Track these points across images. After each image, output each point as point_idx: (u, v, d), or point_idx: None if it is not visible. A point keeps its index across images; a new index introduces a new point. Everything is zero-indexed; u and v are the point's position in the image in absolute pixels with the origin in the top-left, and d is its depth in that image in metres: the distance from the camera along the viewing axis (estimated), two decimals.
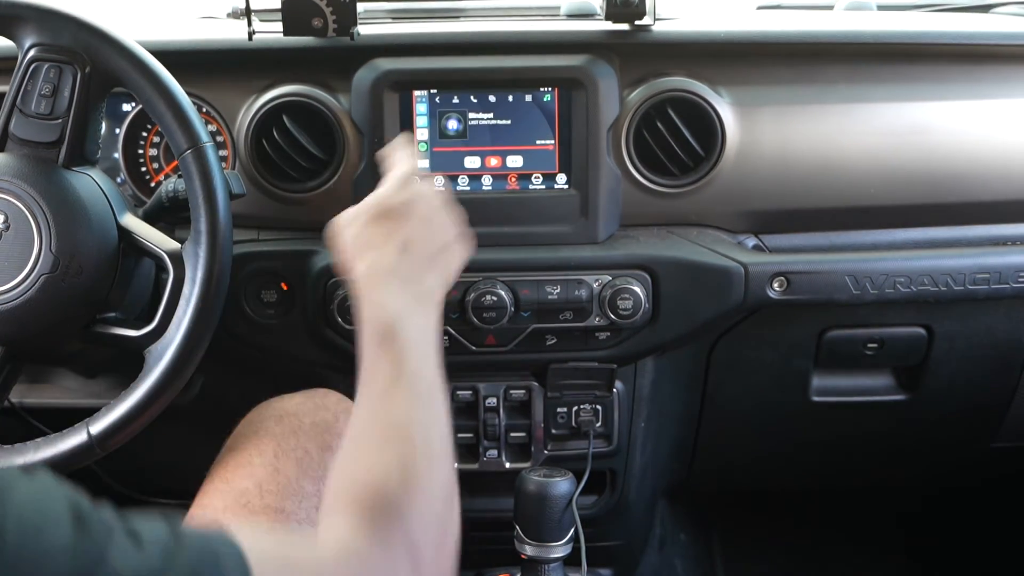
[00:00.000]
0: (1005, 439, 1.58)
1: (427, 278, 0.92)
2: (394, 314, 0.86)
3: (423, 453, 0.78)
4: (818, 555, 1.97)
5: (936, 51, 1.36)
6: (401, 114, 1.30)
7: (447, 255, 0.98)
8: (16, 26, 1.12)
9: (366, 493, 0.74)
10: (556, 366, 1.36)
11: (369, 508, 0.73)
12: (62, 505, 0.55)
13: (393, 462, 0.76)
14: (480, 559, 1.45)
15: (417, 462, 0.77)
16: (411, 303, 0.88)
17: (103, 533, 0.55)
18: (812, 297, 1.31)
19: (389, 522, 0.72)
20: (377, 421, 0.81)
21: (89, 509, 0.56)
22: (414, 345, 0.85)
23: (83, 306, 1.12)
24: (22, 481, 0.55)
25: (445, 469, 0.80)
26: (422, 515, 0.74)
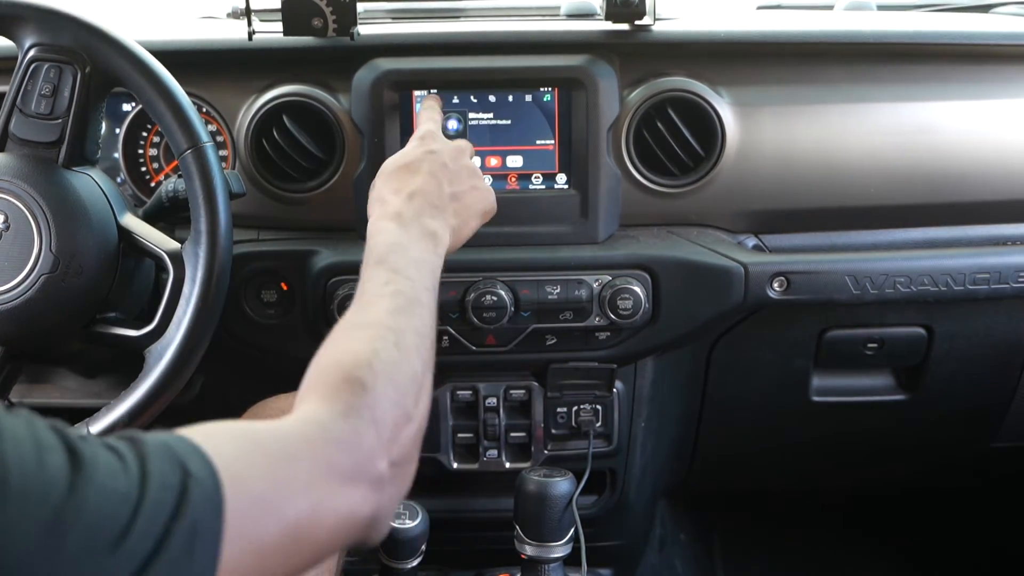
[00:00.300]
0: (1005, 439, 1.58)
1: (430, 221, 1.00)
2: (387, 244, 0.95)
3: (395, 344, 0.83)
4: (818, 555, 1.97)
5: (936, 51, 1.36)
6: (401, 114, 1.30)
7: (458, 204, 1.06)
8: (16, 26, 1.12)
9: (334, 373, 0.78)
10: (556, 366, 1.36)
11: (335, 385, 0.77)
12: (51, 435, 0.57)
13: (364, 349, 0.81)
14: (480, 559, 1.46)
15: (388, 353, 0.81)
16: (407, 238, 0.97)
17: (92, 455, 0.57)
18: (812, 297, 1.31)
19: (354, 396, 0.76)
20: (355, 322, 0.86)
21: (74, 435, 0.59)
22: (402, 268, 0.92)
23: (83, 306, 1.12)
24: (7, 418, 0.57)
25: (415, 364, 0.84)
26: (387, 396, 0.78)
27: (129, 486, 0.57)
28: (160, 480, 0.59)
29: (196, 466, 0.61)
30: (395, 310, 0.87)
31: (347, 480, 0.72)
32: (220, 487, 0.61)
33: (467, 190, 1.08)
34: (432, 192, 1.03)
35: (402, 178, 1.04)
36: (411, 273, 0.92)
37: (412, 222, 0.99)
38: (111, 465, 0.58)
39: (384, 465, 0.75)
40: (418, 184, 1.03)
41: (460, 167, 1.09)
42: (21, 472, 0.54)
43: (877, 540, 1.98)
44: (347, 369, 0.78)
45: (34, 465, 0.54)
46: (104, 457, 0.58)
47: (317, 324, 1.30)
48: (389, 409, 0.77)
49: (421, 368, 0.84)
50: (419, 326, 0.87)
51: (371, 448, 0.74)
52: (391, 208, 1.00)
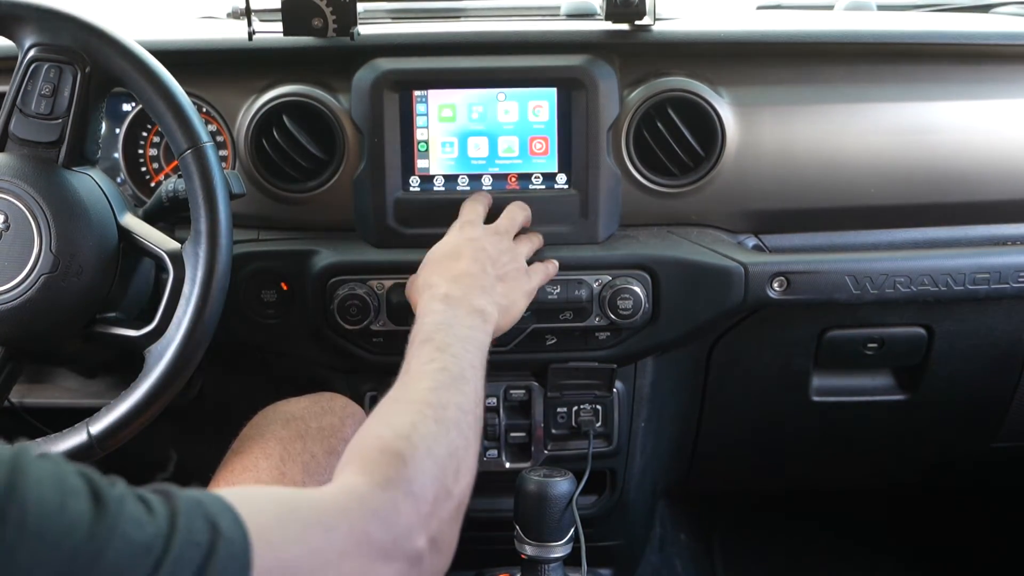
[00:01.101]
0: (1005, 439, 1.58)
1: (477, 300, 1.03)
2: (434, 324, 0.98)
3: (435, 419, 0.83)
4: (818, 555, 1.97)
5: (936, 51, 1.36)
6: (401, 114, 1.30)
7: (504, 285, 1.10)
8: (16, 26, 1.12)
9: (375, 446, 0.78)
10: (556, 366, 1.36)
11: (375, 458, 0.77)
12: (77, 479, 0.57)
13: (404, 425, 0.81)
14: (480, 559, 1.45)
15: (427, 426, 0.81)
16: (454, 316, 0.99)
17: (117, 503, 0.57)
18: (812, 297, 1.31)
19: (392, 469, 0.76)
20: (397, 397, 0.87)
21: (103, 482, 0.58)
22: (448, 346, 0.93)
23: (83, 306, 1.12)
24: (35, 460, 0.56)
25: (456, 439, 0.83)
26: (426, 470, 0.77)
27: (154, 538, 0.57)
28: (188, 536, 0.58)
29: (227, 525, 0.60)
30: (437, 386, 0.87)
31: (384, 555, 0.71)
32: (249, 550, 0.61)
33: (511, 272, 1.13)
34: (478, 274, 1.07)
35: (448, 264, 1.09)
36: (456, 350, 0.93)
37: (460, 301, 1.02)
38: (136, 516, 0.57)
39: (422, 542, 0.74)
40: (463, 267, 1.07)
41: (501, 251, 1.13)
42: (40, 514, 0.53)
43: (877, 540, 1.98)
44: (386, 442, 0.78)
45: (55, 509, 0.54)
46: (131, 507, 0.57)
47: (317, 324, 1.30)
48: (428, 484, 0.77)
49: (463, 444, 0.84)
50: (462, 402, 0.87)
51: (408, 523, 0.74)
52: (439, 291, 1.04)
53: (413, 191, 1.31)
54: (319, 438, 1.15)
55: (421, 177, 1.31)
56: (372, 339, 1.31)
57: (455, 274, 1.06)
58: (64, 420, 1.13)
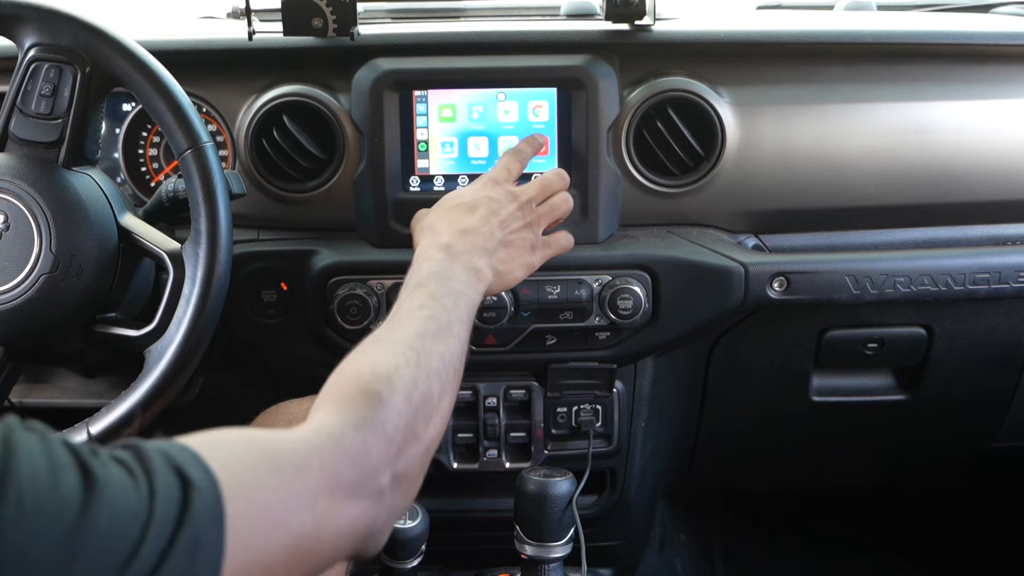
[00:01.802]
0: (1005, 439, 1.58)
1: (477, 259, 1.01)
2: (431, 272, 0.96)
3: (417, 363, 0.83)
4: (817, 555, 1.97)
5: (936, 51, 1.36)
6: (401, 114, 1.30)
7: (506, 251, 1.07)
8: (16, 26, 1.12)
9: (353, 383, 0.79)
10: (556, 366, 1.36)
11: (352, 395, 0.77)
12: (64, 451, 0.57)
13: (386, 366, 0.81)
14: (480, 559, 1.46)
15: (408, 369, 0.82)
16: (451, 270, 0.98)
17: (104, 472, 0.57)
18: (812, 297, 1.31)
19: (369, 409, 0.76)
20: (382, 337, 0.87)
21: (87, 451, 0.58)
22: (440, 296, 0.93)
23: (83, 306, 1.12)
24: (23, 435, 0.56)
25: (434, 386, 0.84)
26: (401, 413, 0.78)
27: (139, 503, 0.57)
28: (166, 494, 0.58)
29: (197, 476, 0.61)
30: (424, 333, 0.87)
31: (351, 493, 0.72)
32: (221, 497, 0.61)
33: (517, 241, 1.10)
34: (484, 233, 1.05)
35: (458, 215, 1.07)
36: (448, 303, 0.93)
37: (460, 255, 1.00)
38: (123, 483, 0.58)
39: (386, 479, 0.75)
40: (472, 223, 1.05)
41: (515, 218, 1.10)
42: (35, 491, 0.53)
43: (877, 540, 1.98)
44: (366, 381, 0.79)
45: (48, 484, 0.54)
46: (116, 475, 0.58)
47: (317, 324, 1.30)
48: (400, 426, 0.78)
49: (439, 392, 0.84)
50: (445, 353, 0.88)
51: (377, 462, 0.74)
52: (442, 239, 1.02)
53: (413, 191, 1.31)
54: None
55: (421, 177, 1.31)
56: None
57: (463, 227, 1.04)
58: (64, 420, 1.13)
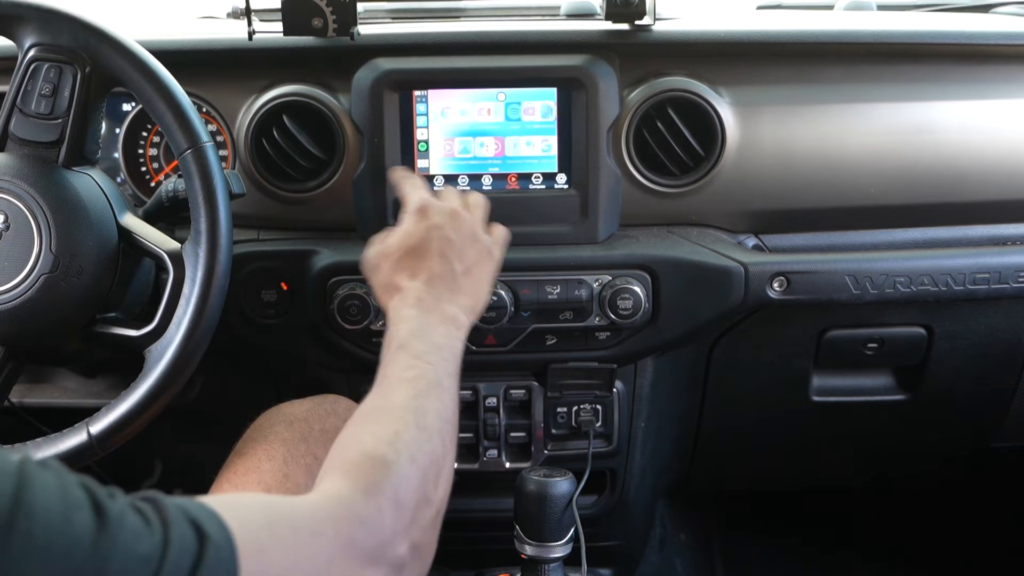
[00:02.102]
0: (1005, 439, 1.58)
1: (449, 306, 1.00)
2: (409, 331, 0.96)
3: (416, 425, 0.83)
4: (818, 555, 1.97)
5: (936, 51, 1.36)
6: (401, 114, 1.29)
7: (470, 279, 1.05)
8: (16, 26, 1.12)
9: (358, 454, 0.79)
10: (556, 366, 1.36)
11: (358, 465, 0.77)
12: (79, 490, 0.57)
13: (387, 432, 0.81)
14: (480, 559, 1.46)
15: (410, 433, 0.82)
16: (427, 323, 0.97)
17: (118, 516, 0.57)
18: (812, 297, 1.31)
19: (376, 474, 0.76)
20: (378, 405, 0.87)
21: (103, 493, 0.58)
22: (424, 353, 0.92)
23: (83, 306, 1.12)
24: (39, 470, 0.56)
25: (436, 445, 0.84)
26: (409, 477, 0.78)
27: (152, 550, 0.57)
28: (180, 545, 0.58)
29: (214, 531, 0.61)
30: (417, 394, 0.87)
31: (368, 560, 0.72)
32: (236, 554, 0.61)
33: (475, 261, 1.08)
34: (447, 275, 1.03)
35: (414, 262, 1.04)
36: (432, 358, 0.92)
37: (433, 308, 0.99)
38: (137, 528, 0.58)
39: (404, 549, 0.75)
40: (432, 268, 1.03)
41: (463, 237, 1.07)
42: (47, 526, 0.53)
43: (877, 540, 1.98)
44: (369, 448, 0.79)
45: (60, 521, 0.54)
46: (131, 520, 0.58)
47: (317, 324, 1.30)
48: (411, 491, 0.78)
49: (442, 451, 0.85)
50: (440, 409, 0.88)
51: (393, 529, 0.74)
52: (411, 295, 1.00)
53: None
54: (322, 440, 1.15)
55: (421, 177, 1.31)
56: (372, 339, 1.30)
57: (425, 277, 1.02)
58: (64, 420, 1.13)
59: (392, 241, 1.08)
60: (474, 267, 1.07)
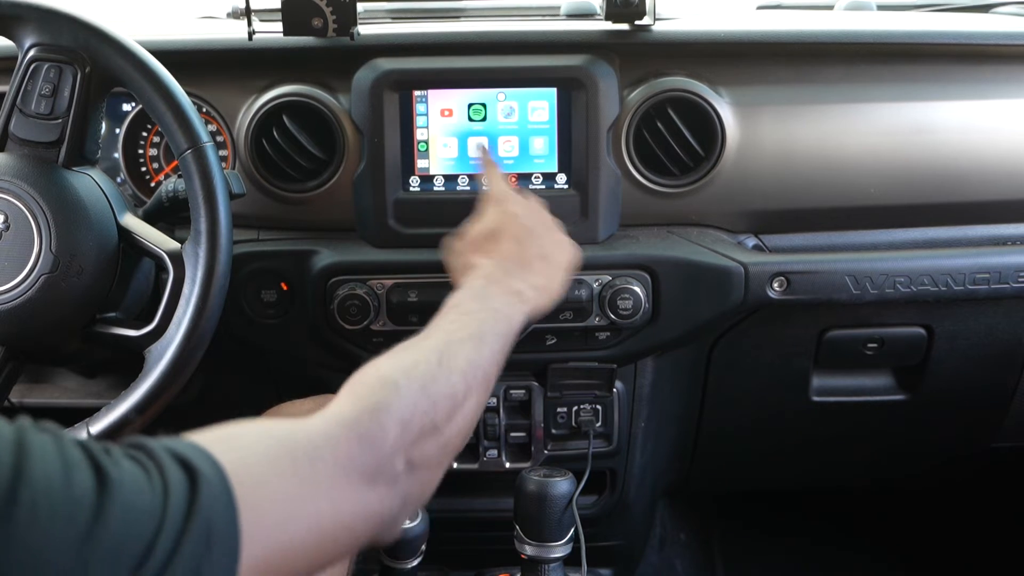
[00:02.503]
0: (1005, 439, 1.58)
1: (517, 282, 1.01)
2: (467, 295, 0.97)
3: (439, 361, 0.83)
4: (818, 555, 1.97)
5: (936, 51, 1.36)
6: (401, 114, 1.30)
7: (544, 263, 1.07)
8: (16, 26, 1.12)
9: (372, 374, 0.80)
10: (556, 366, 1.36)
11: (370, 383, 0.78)
12: (76, 450, 0.57)
13: (406, 362, 0.82)
14: (480, 559, 1.46)
15: (428, 366, 0.82)
16: (489, 291, 0.98)
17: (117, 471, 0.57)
18: (812, 297, 1.31)
19: (385, 394, 0.76)
20: (409, 344, 0.87)
21: (98, 450, 0.58)
22: (474, 312, 0.93)
23: (83, 306, 1.12)
24: (36, 435, 0.56)
25: (457, 383, 0.83)
26: (417, 403, 0.78)
27: (153, 502, 0.57)
28: (176, 489, 0.58)
29: (203, 467, 0.61)
30: (451, 340, 0.88)
31: (367, 479, 0.72)
32: (230, 486, 0.61)
33: (552, 249, 1.10)
34: (520, 256, 1.05)
35: (490, 245, 1.07)
36: (483, 316, 0.93)
37: (500, 281, 1.01)
38: (137, 482, 0.58)
39: (400, 464, 0.75)
40: (505, 248, 1.06)
41: (541, 226, 1.11)
42: (49, 492, 0.53)
43: (877, 540, 1.98)
44: (384, 372, 0.80)
45: (62, 485, 0.54)
46: (130, 473, 0.58)
47: (317, 324, 1.30)
48: (417, 415, 0.78)
49: (463, 390, 0.84)
50: (473, 356, 0.87)
51: (392, 446, 0.75)
52: (482, 271, 1.02)
53: (413, 191, 1.31)
54: None
55: (421, 177, 1.31)
56: (372, 339, 1.31)
57: (497, 256, 1.04)
58: (64, 420, 1.13)
59: (472, 226, 1.11)
60: (550, 254, 1.10)
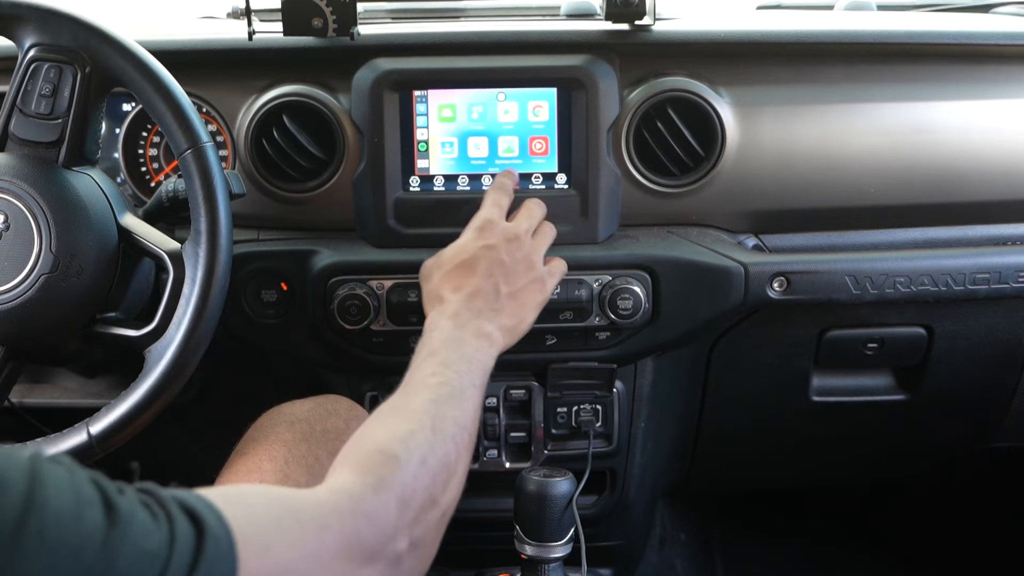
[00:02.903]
0: (1005, 439, 1.58)
1: (486, 324, 1.02)
2: (441, 340, 0.98)
3: (432, 428, 0.84)
4: (817, 555, 1.97)
5: (936, 51, 1.36)
6: (401, 114, 1.29)
7: (515, 303, 1.08)
8: (16, 26, 1.12)
9: (369, 450, 0.80)
10: (556, 366, 1.36)
11: (371, 457, 0.78)
12: (90, 487, 0.57)
13: (401, 430, 0.82)
14: (480, 559, 1.46)
15: (424, 435, 0.83)
16: (460, 336, 0.98)
17: (128, 512, 0.57)
18: (812, 297, 1.31)
19: (386, 470, 0.77)
20: (397, 406, 0.88)
21: (113, 489, 0.58)
22: (452, 363, 0.94)
23: (83, 306, 1.12)
24: (50, 467, 0.56)
25: (450, 450, 0.84)
26: (418, 477, 0.79)
27: (160, 546, 0.57)
28: (182, 540, 0.59)
29: (212, 523, 0.61)
30: (438, 399, 0.88)
31: (368, 557, 0.72)
32: (235, 546, 0.61)
33: (524, 287, 1.10)
34: (490, 293, 1.06)
35: (460, 277, 1.07)
36: (460, 368, 0.94)
37: (469, 323, 1.01)
38: (145, 525, 0.58)
39: (404, 544, 0.76)
40: (476, 284, 1.06)
41: (517, 262, 1.11)
42: (59, 524, 0.53)
43: (877, 540, 1.98)
44: (382, 444, 0.80)
45: (72, 518, 0.54)
46: (140, 515, 0.58)
47: (317, 324, 1.30)
48: (418, 490, 0.78)
49: (455, 456, 0.85)
50: (460, 417, 0.88)
51: (396, 526, 0.75)
52: (450, 308, 1.03)
53: (413, 191, 1.31)
54: (323, 440, 1.15)
55: (421, 177, 1.31)
56: (372, 339, 1.31)
57: (468, 292, 1.05)
58: (64, 420, 1.13)
59: (446, 253, 1.11)
60: (521, 292, 1.10)
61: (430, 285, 1.10)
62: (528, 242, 1.15)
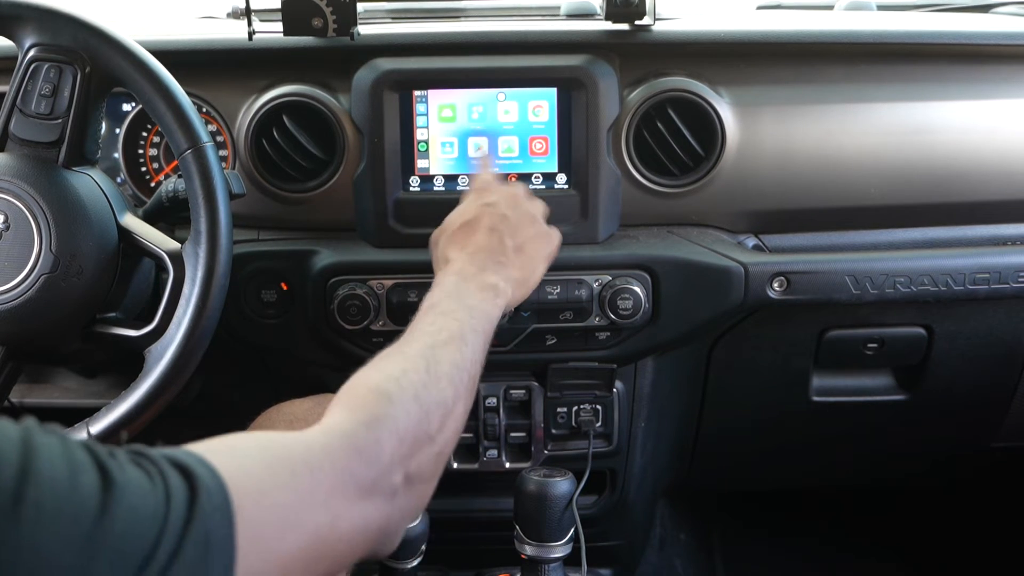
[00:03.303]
0: (1005, 439, 1.58)
1: (491, 276, 1.02)
2: (442, 293, 0.97)
3: (427, 369, 0.84)
4: (818, 554, 1.97)
5: (936, 51, 1.36)
6: (401, 114, 1.30)
7: (522, 255, 1.07)
8: (16, 26, 1.12)
9: (364, 386, 0.80)
10: (556, 366, 1.36)
11: (362, 395, 0.79)
12: (83, 453, 0.57)
13: (395, 370, 0.83)
14: (480, 559, 1.46)
15: (417, 374, 0.83)
16: (463, 288, 0.99)
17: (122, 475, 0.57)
18: (812, 297, 1.31)
19: (379, 407, 0.77)
20: (393, 351, 0.88)
21: (104, 453, 0.58)
22: (452, 312, 0.93)
23: (83, 306, 1.12)
24: (43, 436, 0.56)
25: (446, 390, 0.84)
26: (411, 412, 0.79)
27: (156, 505, 0.57)
28: (177, 495, 0.59)
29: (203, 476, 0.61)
30: (434, 344, 0.88)
31: (365, 492, 0.72)
32: (228, 496, 0.61)
33: (530, 239, 1.10)
34: (495, 247, 1.05)
35: (464, 236, 1.07)
36: (461, 315, 0.93)
37: (473, 277, 1.01)
38: (141, 485, 0.58)
39: (399, 478, 0.76)
40: (480, 241, 1.05)
41: (520, 215, 1.11)
42: (54, 492, 0.53)
43: (877, 539, 1.98)
44: (374, 383, 0.80)
45: (67, 486, 0.54)
46: (134, 477, 0.58)
47: (317, 324, 1.30)
48: (411, 426, 0.78)
49: (452, 396, 0.85)
50: (457, 360, 0.88)
51: (390, 460, 0.75)
52: (454, 266, 1.03)
53: (413, 191, 1.31)
54: None
55: (421, 177, 1.31)
56: (372, 339, 1.31)
57: (472, 249, 1.04)
58: (64, 420, 1.13)
59: (450, 217, 1.11)
60: (527, 244, 1.09)
61: (437, 251, 1.10)
62: (529, 200, 1.16)
